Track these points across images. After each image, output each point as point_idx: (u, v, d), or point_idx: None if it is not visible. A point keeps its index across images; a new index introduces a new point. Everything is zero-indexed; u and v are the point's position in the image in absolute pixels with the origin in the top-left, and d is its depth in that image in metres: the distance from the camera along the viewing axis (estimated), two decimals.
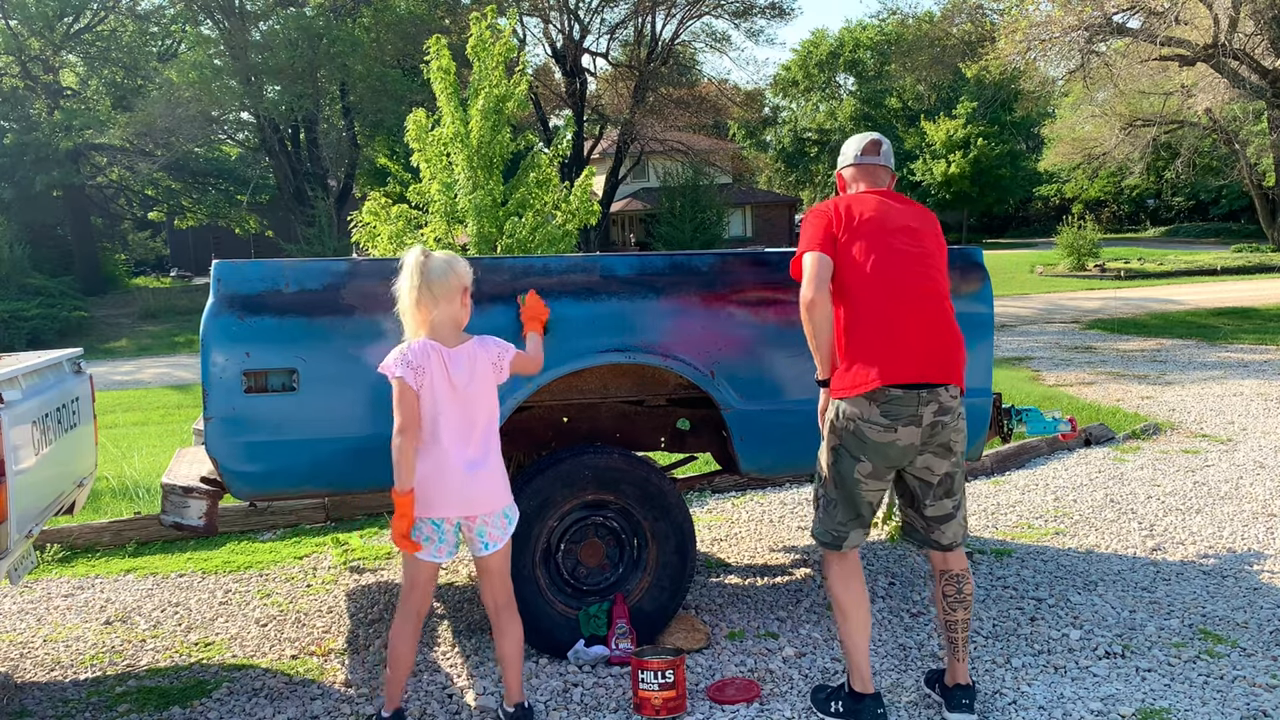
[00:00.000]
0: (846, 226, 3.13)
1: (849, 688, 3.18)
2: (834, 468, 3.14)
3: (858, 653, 3.16)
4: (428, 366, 2.96)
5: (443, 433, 2.97)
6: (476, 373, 3.03)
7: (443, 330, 3.01)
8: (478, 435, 3.03)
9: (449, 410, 2.98)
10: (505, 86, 11.23)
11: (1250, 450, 6.81)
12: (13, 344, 19.31)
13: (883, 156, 3.33)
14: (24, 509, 3.20)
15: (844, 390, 3.08)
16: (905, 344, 3.03)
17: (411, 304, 3.00)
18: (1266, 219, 30.85)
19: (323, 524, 5.90)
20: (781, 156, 53.76)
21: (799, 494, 6.22)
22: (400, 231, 11.25)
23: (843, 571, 3.19)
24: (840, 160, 3.41)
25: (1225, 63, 19.90)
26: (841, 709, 3.17)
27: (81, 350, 4.49)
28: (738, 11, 37.81)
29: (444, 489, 2.97)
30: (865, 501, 3.14)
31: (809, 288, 3.06)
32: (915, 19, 47.96)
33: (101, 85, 31.06)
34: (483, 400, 3.05)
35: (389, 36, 29.77)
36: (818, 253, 3.09)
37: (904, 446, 3.05)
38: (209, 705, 3.51)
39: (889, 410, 3.02)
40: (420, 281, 2.97)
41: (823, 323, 3.06)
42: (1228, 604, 4.11)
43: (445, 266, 3.00)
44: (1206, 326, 14.50)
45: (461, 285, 3.03)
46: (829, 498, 3.18)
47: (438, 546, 3.03)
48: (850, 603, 3.16)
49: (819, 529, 3.22)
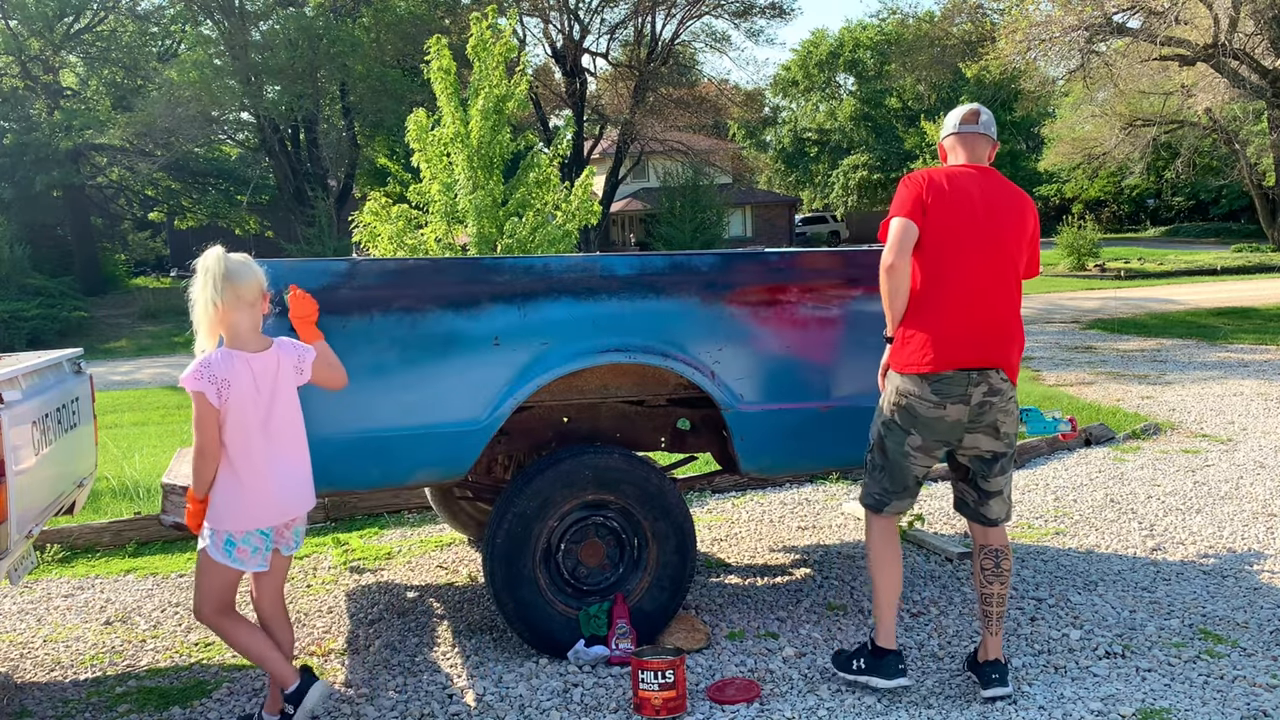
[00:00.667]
0: (937, 198, 3.18)
1: (871, 644, 3.31)
2: (885, 439, 3.27)
3: (887, 609, 3.29)
4: (233, 379, 2.87)
5: (255, 444, 2.90)
6: (281, 378, 2.96)
7: (246, 336, 2.92)
8: (289, 440, 2.98)
9: (260, 420, 2.90)
10: (505, 86, 11.23)
11: (1250, 450, 6.81)
12: (13, 344, 19.30)
13: (982, 125, 3.35)
14: (24, 509, 3.19)
15: (902, 365, 3.20)
16: (966, 328, 3.13)
17: (211, 307, 2.87)
18: (1266, 219, 30.86)
19: (322, 524, 5.90)
20: (781, 156, 53.76)
21: (799, 494, 6.22)
22: (400, 231, 11.26)
23: (882, 531, 3.34)
24: (942, 130, 3.44)
25: (1225, 63, 19.90)
26: (863, 665, 3.28)
27: (81, 350, 4.49)
28: (738, 11, 37.80)
29: (267, 500, 2.94)
30: (912, 474, 3.28)
31: (891, 252, 3.15)
32: (915, 19, 47.93)
33: (101, 85, 31.05)
34: (289, 404, 2.99)
35: (389, 36, 29.77)
36: (905, 219, 3.17)
37: (951, 423, 3.17)
38: (209, 705, 3.51)
39: (940, 389, 3.15)
40: (225, 284, 2.86)
41: (900, 288, 3.16)
42: (1228, 604, 4.11)
43: (247, 268, 2.91)
44: (1206, 326, 14.50)
45: (262, 288, 2.95)
46: (876, 464, 3.32)
47: (265, 556, 3.02)
48: (888, 559, 3.31)
49: (864, 491, 3.36)
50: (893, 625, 3.31)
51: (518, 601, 3.64)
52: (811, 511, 5.84)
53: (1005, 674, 3.27)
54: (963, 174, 3.25)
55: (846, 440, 3.89)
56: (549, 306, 3.55)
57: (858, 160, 46.83)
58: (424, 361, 3.45)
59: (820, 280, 3.84)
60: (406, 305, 3.43)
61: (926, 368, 3.13)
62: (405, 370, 3.43)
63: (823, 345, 3.82)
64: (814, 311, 3.81)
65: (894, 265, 3.14)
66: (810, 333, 3.81)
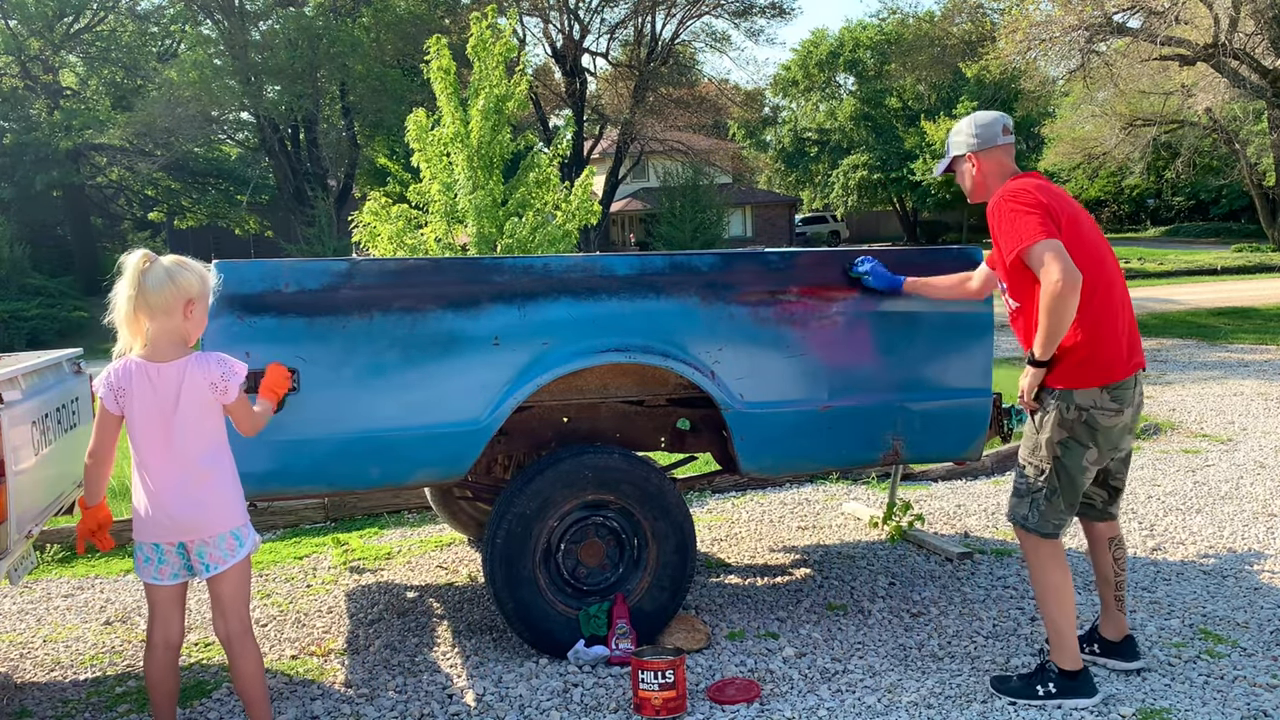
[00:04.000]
0: (1060, 211, 3.13)
1: (1057, 668, 3.25)
2: (1062, 459, 3.22)
3: (1072, 632, 3.27)
4: (129, 388, 2.77)
5: (148, 456, 2.80)
6: (186, 392, 2.79)
7: (159, 345, 2.80)
8: (191, 457, 2.81)
9: (155, 431, 2.78)
10: (505, 86, 11.23)
11: (1250, 450, 6.81)
12: (13, 344, 19.30)
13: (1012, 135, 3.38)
14: (24, 509, 3.19)
15: (1079, 381, 3.16)
16: (1127, 333, 3.22)
17: (126, 315, 2.78)
18: (1267, 219, 30.86)
19: (322, 524, 5.90)
20: (781, 156, 53.71)
21: (799, 494, 6.22)
22: (400, 231, 11.25)
23: (1057, 557, 3.29)
24: (979, 139, 3.33)
25: (1225, 62, 19.89)
26: (1055, 689, 3.23)
27: (81, 350, 4.49)
28: (738, 11, 37.79)
29: (154, 515, 2.80)
30: (1083, 488, 3.27)
31: (1068, 272, 2.99)
32: (915, 19, 47.89)
33: (101, 85, 31.06)
34: (196, 421, 2.81)
35: (389, 36, 29.77)
36: (1057, 240, 3.04)
37: (1124, 427, 3.23)
38: (209, 705, 3.51)
39: (1118, 395, 3.17)
40: (135, 292, 2.75)
41: (1075, 308, 3.05)
42: (1228, 604, 4.11)
43: (164, 276, 2.77)
44: (1206, 326, 14.50)
45: (183, 297, 2.79)
46: (1052, 488, 3.25)
47: (158, 568, 2.85)
48: (1067, 585, 3.27)
49: (1038, 521, 3.27)
50: (1077, 645, 3.29)
51: (518, 601, 3.64)
52: (811, 511, 5.83)
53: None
54: (1049, 185, 3.23)
55: (846, 440, 3.90)
56: (549, 306, 3.55)
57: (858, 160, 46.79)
58: (424, 361, 3.44)
59: (820, 280, 3.84)
60: (406, 305, 3.43)
61: (1114, 376, 3.15)
62: (405, 370, 3.43)
63: (823, 345, 3.82)
64: (814, 311, 3.81)
65: (1076, 284, 3.00)
66: (810, 333, 3.81)
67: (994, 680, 3.38)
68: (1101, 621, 3.54)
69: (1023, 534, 3.32)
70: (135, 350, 2.83)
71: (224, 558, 2.87)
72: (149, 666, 2.93)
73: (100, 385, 2.81)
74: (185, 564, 2.88)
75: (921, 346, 3.92)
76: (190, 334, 2.87)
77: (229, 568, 2.88)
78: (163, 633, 2.91)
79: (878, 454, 3.96)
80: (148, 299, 2.76)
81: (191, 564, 2.89)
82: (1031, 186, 3.17)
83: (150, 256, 2.81)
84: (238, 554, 2.89)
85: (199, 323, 2.89)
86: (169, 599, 2.91)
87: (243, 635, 2.94)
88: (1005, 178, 3.31)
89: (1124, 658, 3.47)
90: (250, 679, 2.94)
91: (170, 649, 2.93)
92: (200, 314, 2.89)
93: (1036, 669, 3.32)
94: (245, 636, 2.94)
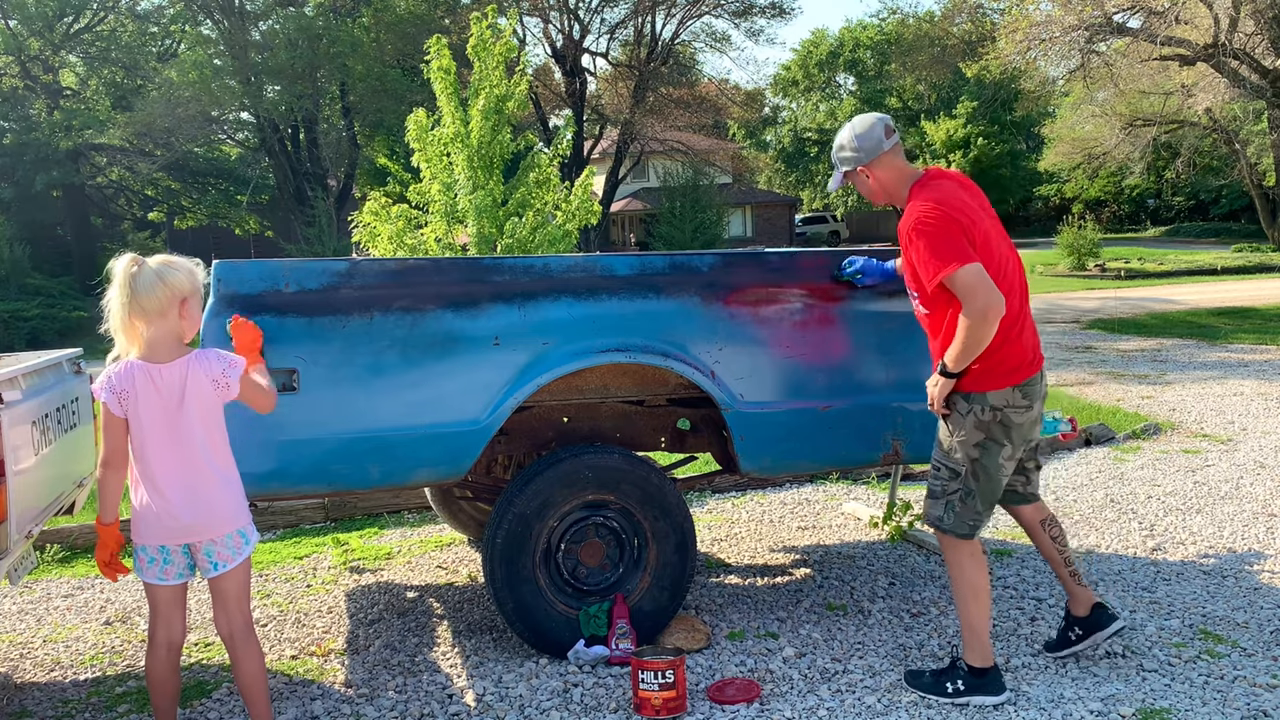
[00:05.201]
0: (969, 223, 3.13)
1: (967, 665, 3.29)
2: (980, 460, 3.26)
3: (986, 631, 3.30)
4: (133, 390, 2.76)
5: (154, 458, 2.78)
6: (190, 390, 2.78)
7: (157, 346, 2.79)
8: (195, 457, 2.80)
9: (161, 433, 2.77)
10: (505, 86, 11.22)
11: (1250, 450, 6.81)
12: (13, 344, 19.30)
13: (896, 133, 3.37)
14: (24, 509, 3.19)
15: (992, 384, 3.20)
16: (1032, 329, 3.31)
17: (121, 322, 2.77)
18: (1267, 219, 30.87)
19: (322, 524, 5.90)
20: (781, 156, 53.77)
21: (799, 494, 6.22)
22: (400, 231, 11.24)
23: (975, 556, 3.33)
24: (862, 151, 3.27)
25: (1225, 62, 19.90)
26: (963, 686, 3.27)
27: (81, 350, 4.49)
28: (738, 11, 37.79)
29: (160, 517, 2.79)
30: (1002, 485, 3.32)
31: (991, 302, 3.03)
32: (915, 19, 47.94)
33: (101, 85, 31.05)
34: (200, 420, 2.81)
35: (389, 36, 29.77)
36: (978, 264, 3.06)
37: (1034, 418, 3.30)
38: (209, 705, 3.51)
39: (1027, 392, 3.24)
40: (128, 298, 2.74)
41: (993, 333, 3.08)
42: (1228, 604, 4.11)
43: (154, 279, 2.75)
44: (1206, 326, 14.49)
45: (177, 298, 2.78)
46: (968, 489, 3.28)
47: (163, 568, 2.84)
48: (985, 585, 3.31)
49: (954, 521, 3.30)
50: (990, 642, 3.33)
51: (518, 601, 3.64)
52: (811, 511, 5.84)
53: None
54: (951, 187, 3.23)
55: (846, 440, 3.89)
56: (549, 306, 3.55)
57: None
58: (424, 361, 3.44)
59: (820, 281, 3.84)
60: (406, 305, 3.43)
61: (1020, 378, 3.21)
62: (405, 370, 3.43)
63: (823, 345, 3.82)
64: (814, 311, 3.81)
65: (1001, 311, 3.05)
66: (810, 333, 3.81)
67: (907, 675, 3.44)
68: (1070, 603, 3.58)
69: (940, 535, 3.36)
70: (133, 353, 2.82)
71: (232, 556, 2.88)
72: (151, 667, 2.93)
73: (101, 390, 2.78)
74: (189, 564, 2.89)
75: (921, 347, 3.90)
76: (186, 332, 2.86)
77: (235, 565, 2.88)
78: (165, 633, 2.91)
79: (878, 454, 3.97)
80: (141, 303, 2.75)
81: (196, 563, 2.88)
82: (941, 203, 3.14)
83: (138, 260, 2.79)
84: (244, 551, 2.91)
85: (194, 320, 2.88)
86: (172, 599, 2.91)
87: (246, 632, 2.95)
88: (906, 180, 3.29)
89: (1103, 626, 3.48)
90: (253, 676, 2.94)
91: (173, 649, 2.93)
92: (195, 311, 2.88)
93: (948, 665, 3.37)
94: (248, 633, 2.95)
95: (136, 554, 2.88)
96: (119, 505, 2.91)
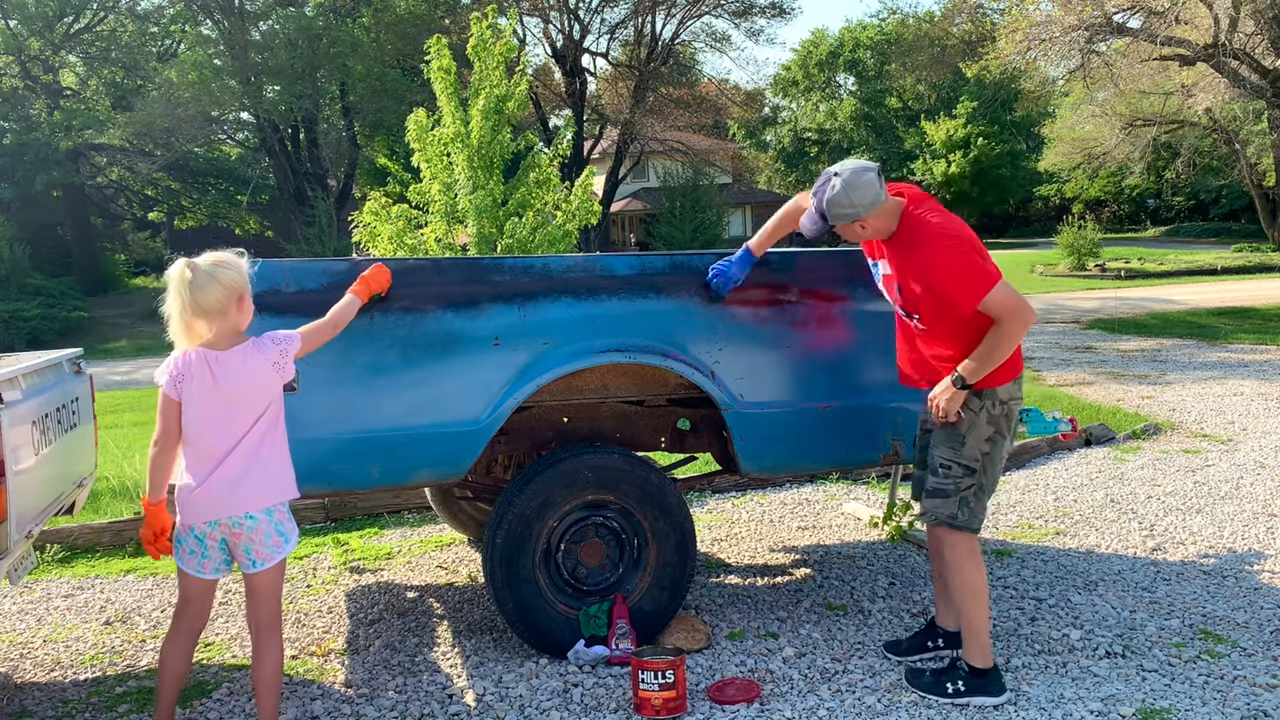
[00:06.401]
0: (976, 243, 3.25)
1: (967, 665, 3.30)
2: (990, 454, 3.30)
3: (986, 631, 3.31)
4: (189, 373, 2.84)
5: (206, 439, 2.85)
6: (249, 375, 2.87)
7: (218, 338, 2.88)
8: (248, 440, 2.88)
9: (213, 415, 2.84)
10: (505, 86, 11.23)
11: (1250, 450, 6.81)
12: (13, 344, 19.31)
13: None
14: (24, 509, 3.20)
15: (1001, 379, 3.25)
16: None
17: (183, 327, 2.85)
18: (1267, 219, 30.86)
19: (322, 524, 5.90)
20: (781, 156, 53.75)
21: (799, 494, 6.22)
22: (400, 231, 11.25)
23: (974, 556, 3.34)
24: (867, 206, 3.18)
25: (1225, 62, 19.89)
26: (964, 686, 3.28)
27: (81, 350, 4.49)
28: (738, 11, 37.79)
29: (205, 494, 2.85)
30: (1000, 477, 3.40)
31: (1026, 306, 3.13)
32: (915, 19, 47.97)
33: (101, 85, 31.05)
34: (254, 404, 2.89)
35: (389, 36, 29.78)
36: (1003, 279, 3.16)
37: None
38: (209, 705, 3.51)
39: (1019, 383, 3.34)
40: (186, 303, 2.82)
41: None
42: (1228, 604, 4.11)
43: (210, 281, 2.82)
44: (1206, 326, 14.49)
45: (234, 295, 2.86)
46: (980, 485, 3.31)
47: (201, 561, 2.92)
48: (984, 585, 3.33)
49: (968, 517, 3.32)
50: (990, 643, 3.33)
51: (518, 601, 3.64)
52: (811, 511, 5.84)
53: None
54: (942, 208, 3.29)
55: (846, 440, 3.90)
56: (549, 306, 3.55)
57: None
58: (424, 361, 3.45)
59: (820, 281, 3.84)
60: (406, 305, 3.43)
61: (1019, 370, 3.32)
62: (405, 370, 3.43)
63: (822, 345, 3.82)
64: (814, 312, 3.81)
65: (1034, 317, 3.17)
66: (810, 333, 3.81)
67: (908, 674, 3.44)
68: (940, 613, 3.61)
69: (948, 533, 3.35)
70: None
71: (271, 555, 2.93)
72: (167, 648, 2.99)
73: (161, 374, 2.88)
74: (225, 559, 2.96)
75: None
76: (243, 324, 2.93)
77: (273, 563, 2.94)
78: (192, 621, 2.99)
79: (878, 454, 3.97)
80: (201, 305, 2.83)
81: (234, 558, 2.95)
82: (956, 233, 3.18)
83: (191, 265, 2.85)
84: (283, 550, 2.96)
85: (249, 311, 2.96)
86: (204, 591, 2.99)
87: (273, 628, 3.00)
88: (894, 216, 3.26)
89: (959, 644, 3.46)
90: (271, 671, 2.99)
91: (194, 636, 3.02)
92: (249, 304, 2.95)
93: (948, 665, 3.38)
94: (275, 629, 3.00)
95: (179, 542, 2.94)
96: (166, 484, 2.95)
